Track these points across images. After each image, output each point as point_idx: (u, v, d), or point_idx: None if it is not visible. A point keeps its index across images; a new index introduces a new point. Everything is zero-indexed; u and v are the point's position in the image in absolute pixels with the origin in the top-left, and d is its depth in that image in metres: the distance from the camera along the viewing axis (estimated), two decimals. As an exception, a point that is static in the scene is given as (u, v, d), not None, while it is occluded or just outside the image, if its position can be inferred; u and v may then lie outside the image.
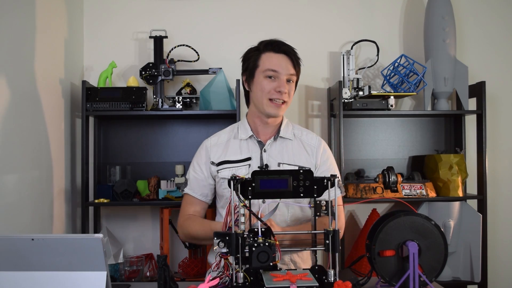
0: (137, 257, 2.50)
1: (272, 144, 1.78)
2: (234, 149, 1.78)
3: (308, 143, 1.82)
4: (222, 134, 1.85)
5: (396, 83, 2.60)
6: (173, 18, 2.80)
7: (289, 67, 1.72)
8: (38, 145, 2.14)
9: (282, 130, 1.80)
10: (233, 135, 1.82)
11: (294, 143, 1.80)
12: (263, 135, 1.80)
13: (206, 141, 1.85)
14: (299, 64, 1.78)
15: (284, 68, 1.71)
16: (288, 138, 1.80)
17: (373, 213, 2.64)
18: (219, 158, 1.78)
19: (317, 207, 1.36)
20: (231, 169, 1.74)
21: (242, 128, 1.81)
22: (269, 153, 1.76)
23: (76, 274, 1.15)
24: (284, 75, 1.71)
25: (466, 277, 2.60)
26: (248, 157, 1.75)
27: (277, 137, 1.79)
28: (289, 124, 1.85)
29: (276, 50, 1.73)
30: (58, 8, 2.42)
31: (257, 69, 1.74)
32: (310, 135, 1.85)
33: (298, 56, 1.77)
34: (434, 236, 1.30)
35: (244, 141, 1.79)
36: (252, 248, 1.23)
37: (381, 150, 2.84)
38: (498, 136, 2.87)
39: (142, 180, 2.60)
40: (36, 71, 2.12)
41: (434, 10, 2.64)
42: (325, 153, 1.82)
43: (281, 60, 1.72)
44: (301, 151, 1.80)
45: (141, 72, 2.56)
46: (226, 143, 1.80)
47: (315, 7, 2.85)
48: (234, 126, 1.87)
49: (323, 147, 1.83)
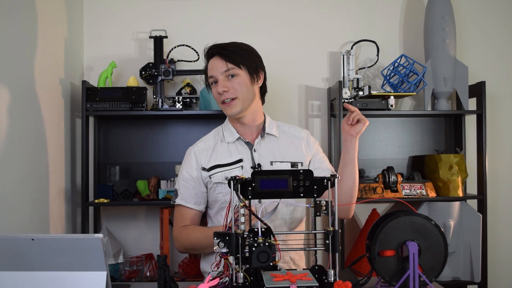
0: (137, 257, 2.50)
1: (260, 143, 1.78)
2: (223, 152, 1.77)
3: (297, 136, 1.84)
4: (209, 139, 1.83)
5: (396, 83, 2.60)
6: (173, 18, 2.80)
7: (220, 65, 1.72)
8: (38, 145, 2.14)
9: (267, 128, 1.79)
10: (219, 139, 1.81)
11: (281, 140, 1.81)
12: (248, 136, 1.79)
13: (193, 148, 1.82)
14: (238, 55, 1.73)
15: (217, 69, 1.73)
16: (273, 135, 1.80)
17: (373, 213, 2.64)
18: (209, 163, 1.76)
19: (317, 207, 1.36)
20: (223, 173, 1.72)
21: (227, 131, 1.80)
22: (259, 152, 1.76)
23: (76, 274, 1.15)
24: (219, 75, 1.72)
25: (466, 277, 2.60)
26: (239, 159, 1.75)
27: (263, 135, 1.78)
28: (272, 121, 1.85)
29: (210, 56, 1.77)
30: (58, 8, 2.42)
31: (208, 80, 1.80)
32: (297, 129, 1.87)
33: (232, 48, 1.73)
34: (434, 236, 1.30)
35: (232, 143, 1.78)
36: (252, 248, 1.23)
37: (381, 150, 2.84)
38: (498, 136, 2.87)
39: (142, 180, 2.60)
40: (36, 71, 2.12)
41: (434, 10, 2.64)
42: (316, 143, 1.87)
43: (214, 63, 1.75)
44: (290, 146, 1.80)
45: (141, 72, 2.56)
46: (214, 148, 1.79)
47: (315, 7, 2.85)
48: (218, 130, 1.85)
49: (312, 138, 1.87)
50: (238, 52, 1.73)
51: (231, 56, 1.72)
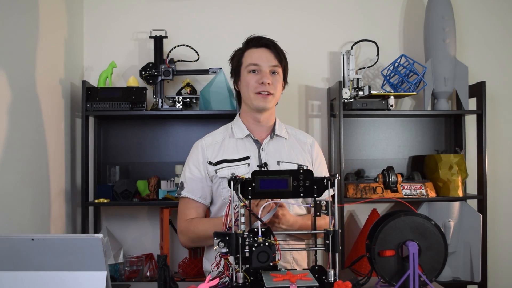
0: (137, 257, 2.50)
1: (269, 143, 1.78)
2: (230, 148, 1.77)
3: (304, 141, 1.86)
4: (217, 134, 1.84)
5: (396, 83, 2.60)
6: (173, 18, 2.80)
7: (270, 59, 1.73)
8: (38, 145, 2.14)
9: (277, 129, 1.80)
10: (228, 135, 1.81)
11: (289, 142, 1.82)
12: (258, 134, 1.80)
13: (200, 142, 1.81)
14: (283, 56, 1.78)
15: (265, 60, 1.73)
16: (283, 137, 1.81)
17: (373, 213, 2.64)
18: (216, 157, 1.76)
19: (317, 207, 1.36)
20: (230, 168, 1.72)
21: (237, 128, 1.80)
22: (266, 152, 1.76)
23: (76, 274, 1.15)
24: (266, 67, 1.72)
25: (466, 277, 2.60)
26: (247, 156, 1.74)
27: (273, 135, 1.79)
28: (282, 124, 1.87)
29: (257, 45, 1.76)
30: (58, 8, 2.42)
31: (241, 66, 1.77)
32: (304, 134, 1.90)
33: (280, 48, 1.77)
34: (434, 236, 1.30)
35: (241, 140, 1.78)
36: (252, 248, 1.23)
37: (381, 150, 2.84)
38: (498, 136, 2.87)
39: (142, 180, 2.60)
40: (36, 71, 2.12)
41: (434, 10, 2.64)
42: (319, 153, 1.87)
43: (262, 53, 1.74)
44: (298, 149, 1.81)
45: (141, 72, 2.56)
46: (222, 143, 1.79)
47: (315, 7, 2.85)
48: (228, 126, 1.86)
49: (316, 146, 1.88)
50: (283, 54, 1.78)
51: (280, 55, 1.76)
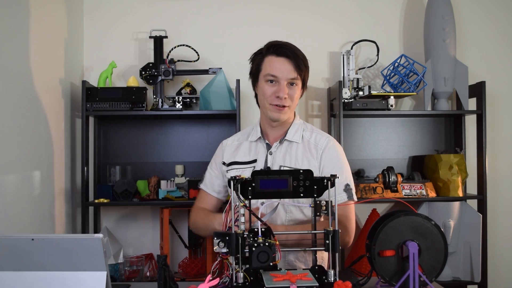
0: (137, 257, 2.50)
1: (278, 147, 1.75)
2: (244, 150, 1.79)
3: (316, 145, 1.75)
4: (239, 135, 1.87)
5: (396, 83, 2.60)
6: (173, 18, 2.80)
7: (289, 71, 1.67)
8: (38, 145, 2.14)
9: (289, 133, 1.75)
10: (246, 137, 1.83)
11: (300, 146, 1.75)
12: (271, 137, 1.78)
13: (225, 141, 1.87)
14: (304, 67, 1.71)
15: (284, 72, 1.67)
16: (295, 141, 1.75)
17: (373, 213, 2.64)
18: (230, 159, 1.80)
19: (317, 207, 1.36)
20: (237, 170, 1.74)
21: (254, 130, 1.81)
22: (274, 155, 1.74)
23: (76, 274, 1.15)
24: (284, 79, 1.67)
25: (466, 277, 2.60)
26: (255, 159, 1.75)
27: (283, 140, 1.75)
28: (301, 126, 1.79)
29: (278, 54, 1.69)
30: (58, 8, 2.42)
31: (260, 73, 1.72)
32: (319, 137, 1.77)
33: (301, 58, 1.71)
34: (434, 236, 1.30)
35: (254, 143, 1.79)
36: (252, 248, 1.23)
37: (381, 150, 2.84)
38: (498, 136, 2.87)
39: (142, 180, 2.60)
40: (36, 71, 2.12)
41: (434, 10, 2.64)
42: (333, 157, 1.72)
43: (281, 64, 1.68)
44: (305, 154, 1.73)
45: (141, 72, 2.56)
46: (239, 144, 1.82)
47: (315, 7, 2.85)
48: (250, 128, 1.87)
49: (330, 151, 1.73)
50: (303, 63, 1.71)
51: (300, 66, 1.69)
